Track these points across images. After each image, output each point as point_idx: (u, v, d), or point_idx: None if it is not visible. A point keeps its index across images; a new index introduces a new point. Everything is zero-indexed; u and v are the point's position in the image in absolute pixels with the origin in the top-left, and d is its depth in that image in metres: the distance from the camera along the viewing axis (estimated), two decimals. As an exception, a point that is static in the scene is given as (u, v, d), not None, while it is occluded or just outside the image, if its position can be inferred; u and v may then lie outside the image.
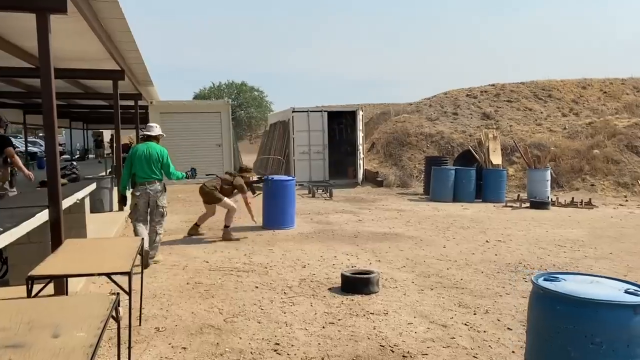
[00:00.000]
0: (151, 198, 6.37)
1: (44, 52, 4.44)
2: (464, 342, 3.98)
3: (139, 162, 6.41)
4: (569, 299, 2.28)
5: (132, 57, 9.29)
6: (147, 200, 6.38)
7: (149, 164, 6.38)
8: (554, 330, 2.31)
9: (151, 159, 6.39)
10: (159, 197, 6.40)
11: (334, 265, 6.34)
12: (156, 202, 6.39)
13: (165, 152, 6.54)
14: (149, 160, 6.38)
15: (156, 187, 6.38)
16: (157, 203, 6.40)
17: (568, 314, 2.27)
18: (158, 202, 6.39)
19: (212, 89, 52.36)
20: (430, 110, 19.01)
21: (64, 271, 3.23)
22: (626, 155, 14.69)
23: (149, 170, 6.37)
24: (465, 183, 12.82)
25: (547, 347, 2.35)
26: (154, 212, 6.44)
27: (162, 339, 3.99)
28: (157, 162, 6.42)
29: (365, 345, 3.89)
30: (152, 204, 6.40)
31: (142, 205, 6.40)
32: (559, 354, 2.30)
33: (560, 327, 2.29)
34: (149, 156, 6.40)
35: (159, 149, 6.51)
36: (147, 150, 6.45)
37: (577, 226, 9.33)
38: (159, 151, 6.47)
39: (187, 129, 16.61)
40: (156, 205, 6.40)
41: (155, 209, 6.42)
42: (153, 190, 6.36)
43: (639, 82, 20.03)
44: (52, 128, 4.51)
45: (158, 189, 6.39)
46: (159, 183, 6.43)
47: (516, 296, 5.14)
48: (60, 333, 2.07)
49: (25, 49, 8.17)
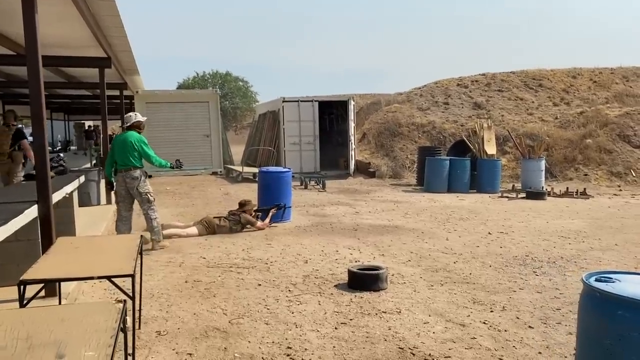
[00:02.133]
0: (128, 185, 6.54)
1: (31, 37, 4.11)
2: (486, 342, 3.77)
3: (117, 150, 6.63)
4: (634, 303, 2.06)
5: (119, 44, 8.88)
6: (125, 186, 6.57)
7: (124, 152, 6.55)
8: (615, 338, 2.09)
9: (126, 147, 6.54)
10: (138, 184, 6.53)
11: (336, 260, 6.10)
12: (136, 188, 6.53)
13: (142, 140, 6.64)
14: (124, 148, 6.55)
15: (132, 174, 6.52)
16: (137, 189, 6.53)
17: (633, 320, 2.05)
18: (138, 188, 6.53)
19: (196, 78, 51.49)
20: (421, 100, 18.81)
21: (59, 274, 2.93)
22: (619, 145, 14.66)
23: (124, 157, 6.55)
24: (459, 173, 12.66)
25: (607, 357, 2.13)
26: (139, 200, 6.60)
27: (165, 344, 3.72)
28: (132, 149, 6.53)
29: (384, 348, 3.66)
30: (132, 191, 6.57)
31: (122, 191, 6.62)
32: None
33: (622, 335, 2.08)
34: (124, 144, 6.56)
35: (135, 137, 6.63)
36: (123, 138, 6.63)
37: (576, 217, 9.22)
38: (135, 139, 6.60)
39: (174, 119, 16.21)
40: (137, 192, 6.54)
41: (138, 196, 6.58)
42: (129, 177, 6.52)
43: (628, 71, 20.04)
44: (41, 119, 4.18)
45: (134, 175, 6.52)
46: (135, 170, 6.54)
47: (530, 291, 4.95)
48: (65, 353, 1.79)
49: (5, 34, 7.75)
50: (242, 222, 7.76)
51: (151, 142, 17.28)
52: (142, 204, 6.59)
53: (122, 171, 6.55)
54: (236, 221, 7.73)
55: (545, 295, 4.84)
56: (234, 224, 7.70)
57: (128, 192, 6.57)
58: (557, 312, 4.39)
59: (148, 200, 6.58)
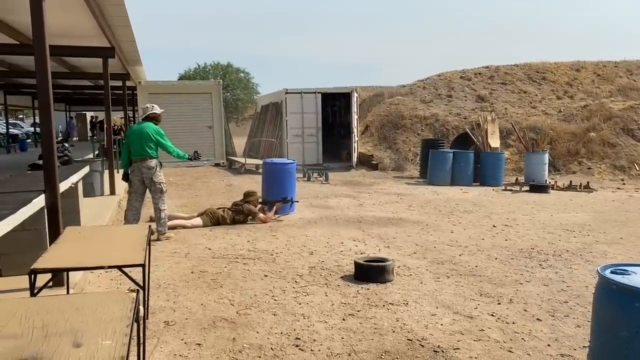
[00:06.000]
0: (144, 175, 6.59)
1: (38, 26, 4.09)
2: (495, 334, 3.77)
3: (132, 141, 6.65)
4: (653, 295, 2.05)
5: (123, 34, 8.85)
6: (140, 177, 6.62)
7: (140, 142, 6.57)
8: (632, 331, 2.08)
9: (142, 137, 6.57)
10: (153, 174, 6.59)
11: (342, 252, 6.09)
12: (151, 178, 6.58)
13: (159, 131, 6.69)
14: (140, 139, 6.57)
15: (148, 163, 6.57)
16: (153, 179, 6.59)
17: (651, 313, 2.04)
18: (153, 178, 6.59)
19: (197, 70, 51.31)
20: (424, 93, 18.74)
21: (70, 263, 2.92)
22: (622, 139, 14.62)
23: (140, 148, 6.57)
24: (463, 166, 12.63)
25: (623, 350, 2.12)
26: (152, 189, 6.64)
27: (173, 334, 3.71)
28: (148, 140, 6.56)
29: (392, 339, 3.66)
30: (147, 181, 6.62)
31: (137, 182, 6.66)
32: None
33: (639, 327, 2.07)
34: (141, 134, 6.59)
35: (152, 127, 6.67)
36: (139, 129, 6.67)
37: (580, 210, 9.20)
38: (152, 130, 6.62)
39: (177, 110, 16.12)
40: (152, 181, 6.60)
41: (152, 186, 6.63)
42: (145, 167, 6.57)
43: (631, 65, 19.93)
44: (48, 109, 4.15)
45: (150, 165, 6.58)
46: (151, 160, 6.60)
47: (537, 284, 4.94)
48: (82, 341, 1.78)
49: (8, 23, 7.70)
50: (244, 212, 7.75)
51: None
52: (154, 193, 6.64)
53: (137, 161, 6.58)
54: (239, 211, 7.73)
55: (552, 288, 4.83)
56: (236, 213, 7.70)
57: (142, 182, 6.62)
58: (564, 304, 4.39)
59: (161, 190, 6.64)
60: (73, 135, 28.55)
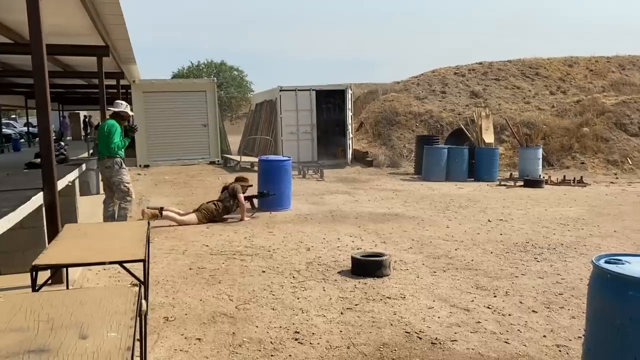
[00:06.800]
0: (104, 174, 6.62)
1: (35, 25, 4.08)
2: (491, 326, 3.82)
3: (98, 140, 6.68)
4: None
5: (118, 33, 8.84)
6: (103, 176, 6.70)
7: (100, 140, 6.57)
8: (626, 318, 2.13)
9: (102, 135, 6.53)
10: (112, 173, 6.48)
11: (338, 248, 6.13)
12: (110, 177, 6.52)
13: (113, 128, 6.46)
14: (101, 137, 6.56)
15: (105, 162, 6.51)
16: (111, 179, 6.51)
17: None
18: (112, 178, 6.50)
19: (190, 68, 51.16)
20: (419, 89, 18.80)
21: (71, 260, 2.95)
22: (615, 133, 14.74)
23: (101, 146, 6.58)
24: (458, 162, 12.70)
25: (618, 338, 2.18)
26: (114, 189, 6.56)
27: (173, 330, 3.74)
28: (105, 137, 6.46)
29: (390, 332, 3.70)
30: (109, 180, 6.55)
31: (103, 180, 6.75)
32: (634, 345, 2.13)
33: (633, 315, 2.12)
34: (101, 133, 6.56)
35: (109, 124, 6.53)
36: (101, 127, 6.65)
37: (574, 204, 9.29)
38: (107, 127, 6.49)
39: (172, 108, 16.11)
40: (110, 181, 6.54)
41: (112, 185, 6.55)
42: (102, 165, 6.57)
43: (624, 60, 20.08)
44: (46, 107, 4.17)
45: (106, 164, 6.50)
46: (109, 159, 6.48)
47: (532, 277, 5.01)
48: (88, 333, 1.81)
49: (4, 23, 7.68)
50: (230, 193, 7.70)
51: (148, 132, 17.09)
52: (116, 192, 6.58)
53: (100, 159, 6.65)
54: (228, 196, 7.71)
55: (547, 280, 4.89)
56: (225, 201, 7.69)
57: (107, 182, 6.62)
58: (559, 296, 4.45)
59: (122, 190, 6.54)
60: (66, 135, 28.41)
